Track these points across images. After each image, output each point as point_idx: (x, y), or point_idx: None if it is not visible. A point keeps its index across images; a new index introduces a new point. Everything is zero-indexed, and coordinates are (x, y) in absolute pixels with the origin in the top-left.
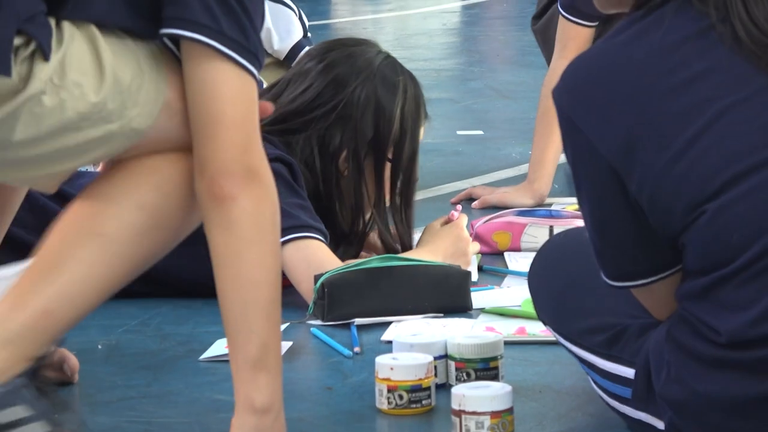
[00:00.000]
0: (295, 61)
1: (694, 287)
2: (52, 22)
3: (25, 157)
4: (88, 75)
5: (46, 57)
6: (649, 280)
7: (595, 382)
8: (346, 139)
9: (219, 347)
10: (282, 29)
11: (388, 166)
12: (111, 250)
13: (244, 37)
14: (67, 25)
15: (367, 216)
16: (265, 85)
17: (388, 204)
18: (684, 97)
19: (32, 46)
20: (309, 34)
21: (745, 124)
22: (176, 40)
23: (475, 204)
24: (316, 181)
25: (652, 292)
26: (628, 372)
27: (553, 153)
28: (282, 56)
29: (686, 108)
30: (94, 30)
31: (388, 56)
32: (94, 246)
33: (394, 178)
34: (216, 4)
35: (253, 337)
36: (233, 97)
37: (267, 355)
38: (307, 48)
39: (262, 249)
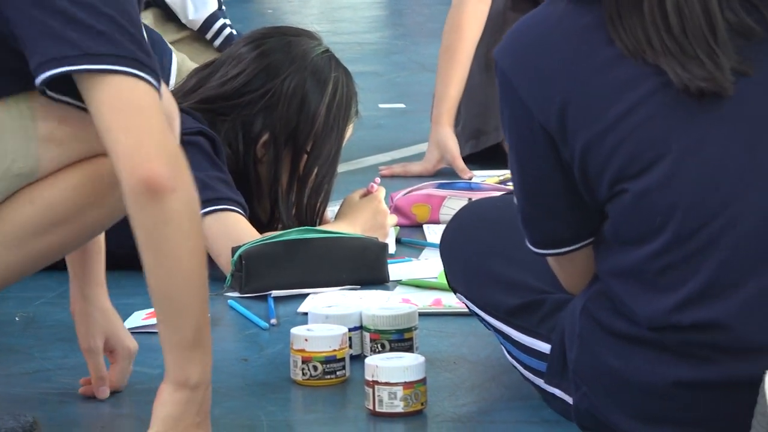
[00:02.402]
0: (215, 35)
1: (617, 265)
2: None
3: None
4: None
5: None
6: (573, 247)
7: (510, 354)
8: (267, 126)
9: (136, 319)
10: (198, 0)
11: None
12: None
13: (112, 45)
14: None
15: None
16: (185, 60)
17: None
18: (618, 70)
19: None
20: (224, 7)
21: (676, 104)
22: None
23: (383, 171)
24: (238, 166)
25: (572, 261)
26: (545, 347)
27: (455, 89)
28: (196, 27)
29: (620, 81)
30: None
31: (326, 51)
32: None
33: (309, 172)
34: (69, 30)
35: (189, 320)
36: (130, 105)
37: (201, 335)
38: (221, 20)
39: (198, 238)
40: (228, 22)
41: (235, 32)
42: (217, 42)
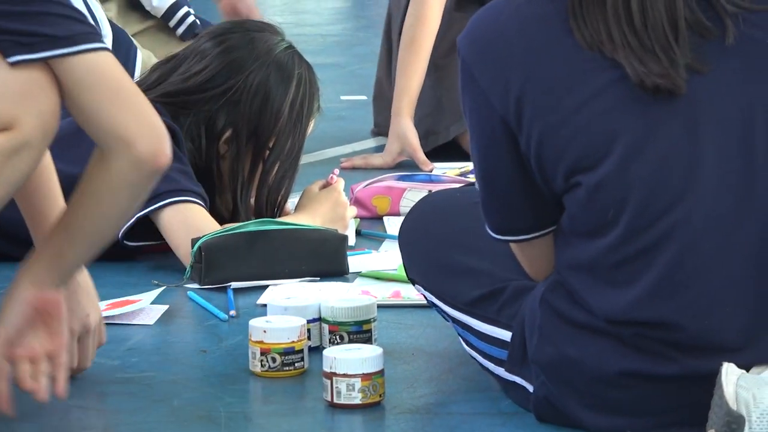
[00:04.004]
0: (178, 23)
1: (573, 258)
2: None
3: None
4: None
5: None
6: (534, 235)
7: (468, 343)
8: (230, 122)
9: None
10: None
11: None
12: None
13: (48, 27)
14: None
15: (252, 200)
16: (151, 57)
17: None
18: (575, 62)
19: None
20: None
21: (629, 99)
22: None
23: (344, 163)
24: (200, 161)
25: (533, 248)
26: (505, 335)
27: (417, 82)
28: (160, 14)
29: (576, 73)
30: None
31: (289, 47)
32: None
33: (270, 168)
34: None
35: (91, 252)
36: (99, 79)
37: (78, 270)
38: (185, 8)
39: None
40: (191, 10)
41: (198, 21)
42: (180, 30)
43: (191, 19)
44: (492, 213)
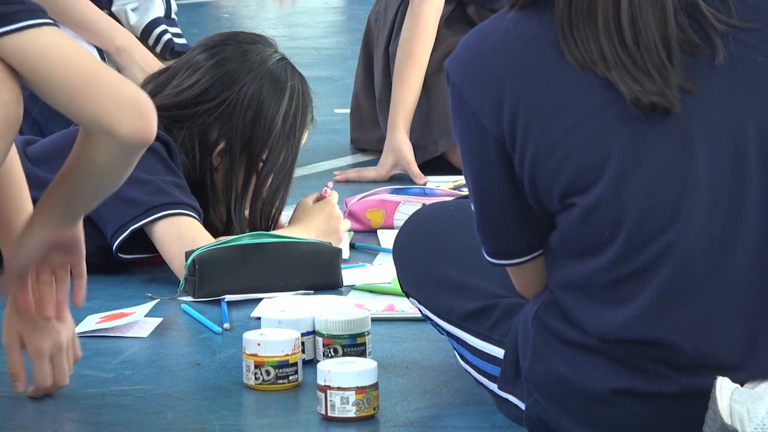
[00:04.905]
0: (155, 42)
1: (566, 277)
2: None
3: None
4: None
5: None
6: (527, 258)
7: (463, 358)
8: (223, 135)
9: (90, 323)
10: (141, 6)
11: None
12: None
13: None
14: None
15: (246, 213)
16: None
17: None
18: (567, 83)
19: None
20: (174, 15)
21: (623, 119)
22: None
23: (337, 176)
24: (194, 174)
25: (528, 270)
26: (498, 351)
27: (413, 95)
28: (138, 32)
29: (569, 94)
30: None
31: (282, 58)
32: None
33: (264, 180)
34: None
35: (83, 206)
36: (57, 57)
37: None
38: (162, 26)
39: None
40: (168, 29)
41: (175, 39)
42: (158, 48)
43: (167, 37)
44: (488, 237)
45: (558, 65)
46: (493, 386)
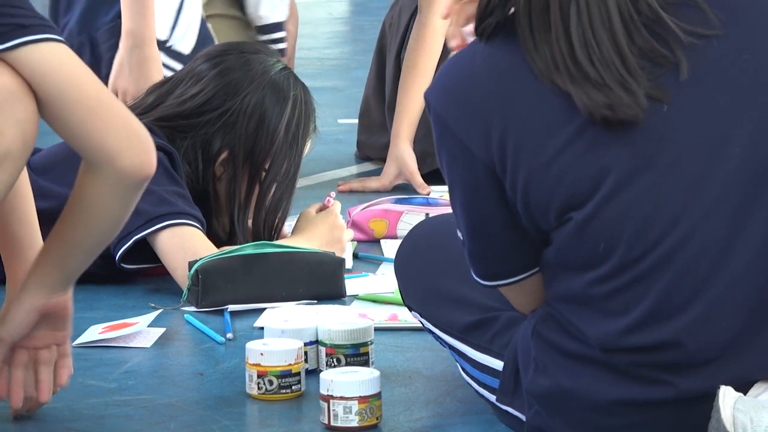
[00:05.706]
0: (265, 38)
1: (564, 290)
2: None
3: None
4: None
5: None
6: (519, 278)
7: (464, 370)
8: (226, 145)
9: (93, 333)
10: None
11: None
12: None
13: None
14: None
15: (249, 222)
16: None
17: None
18: (551, 104)
19: None
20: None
21: (611, 133)
22: None
23: (340, 186)
24: (197, 183)
25: (521, 288)
26: (498, 364)
27: (418, 104)
28: (259, 23)
29: (555, 114)
30: None
31: (285, 68)
32: None
33: (267, 190)
34: None
35: (84, 261)
36: (70, 72)
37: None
38: (282, 33)
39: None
40: (285, 38)
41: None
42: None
43: (282, 45)
44: (481, 260)
45: (541, 87)
46: (493, 398)
